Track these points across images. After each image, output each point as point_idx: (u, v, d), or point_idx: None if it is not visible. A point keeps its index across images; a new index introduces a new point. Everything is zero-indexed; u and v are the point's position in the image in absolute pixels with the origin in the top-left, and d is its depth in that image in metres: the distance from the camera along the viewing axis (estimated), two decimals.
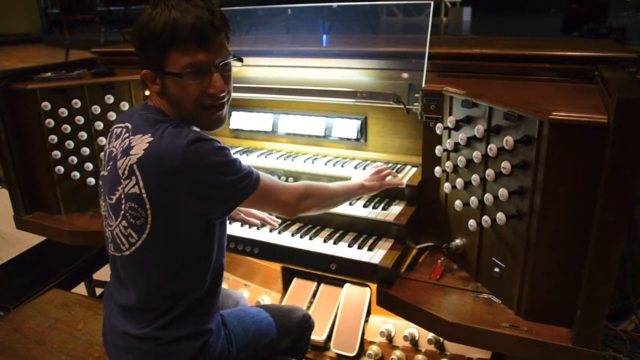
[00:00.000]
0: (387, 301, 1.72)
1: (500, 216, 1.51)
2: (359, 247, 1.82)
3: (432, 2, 1.96)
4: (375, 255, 1.76)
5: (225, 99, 1.44)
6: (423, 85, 1.89)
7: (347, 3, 2.31)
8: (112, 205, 1.40)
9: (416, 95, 1.93)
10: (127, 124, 1.43)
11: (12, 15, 11.58)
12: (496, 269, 1.60)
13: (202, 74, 1.35)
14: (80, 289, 2.81)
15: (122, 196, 1.35)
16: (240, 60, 1.46)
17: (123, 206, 1.35)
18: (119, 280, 1.50)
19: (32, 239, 3.03)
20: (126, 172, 1.33)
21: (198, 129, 1.45)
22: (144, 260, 1.38)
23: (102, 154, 2.32)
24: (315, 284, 2.42)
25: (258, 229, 1.97)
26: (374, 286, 2.25)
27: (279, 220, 1.96)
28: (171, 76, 1.34)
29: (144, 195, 1.30)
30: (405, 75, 2.05)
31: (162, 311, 1.42)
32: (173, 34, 1.29)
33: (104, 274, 2.97)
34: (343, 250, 1.81)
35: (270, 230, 1.96)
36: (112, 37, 8.56)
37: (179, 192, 1.30)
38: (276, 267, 2.47)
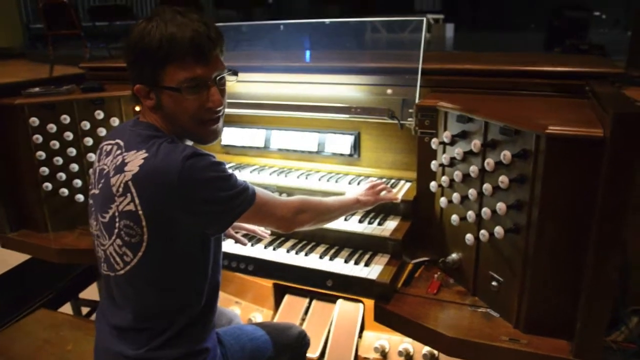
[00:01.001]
0: (385, 317, 1.71)
1: (498, 230, 1.51)
2: (356, 263, 1.81)
3: (425, 19, 1.98)
4: (372, 270, 1.75)
5: (221, 113, 1.43)
6: (417, 100, 1.90)
7: (339, 19, 2.33)
8: (105, 224, 1.37)
9: (410, 110, 1.94)
10: (118, 141, 1.40)
11: None
12: (494, 283, 1.60)
13: (199, 89, 1.35)
14: (66, 308, 2.75)
15: (116, 214, 1.33)
16: (236, 74, 1.46)
17: (117, 224, 1.33)
18: (113, 301, 1.47)
19: (14, 259, 2.97)
20: (120, 189, 1.31)
21: (192, 143, 1.44)
22: (140, 278, 1.36)
23: (90, 171, 2.29)
24: (307, 300, 2.40)
25: (252, 245, 1.95)
26: (367, 302, 2.24)
27: (268, 233, 1.95)
28: (168, 91, 1.33)
29: (140, 212, 1.28)
30: (390, 91, 2.07)
31: (157, 331, 1.39)
32: (170, 48, 1.28)
33: (90, 293, 2.91)
34: (339, 266, 1.80)
35: (265, 247, 1.94)
36: (96, 52, 8.52)
37: (176, 207, 1.28)
38: (267, 283, 2.45)
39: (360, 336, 2.26)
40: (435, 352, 2.07)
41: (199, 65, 1.33)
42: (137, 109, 2.27)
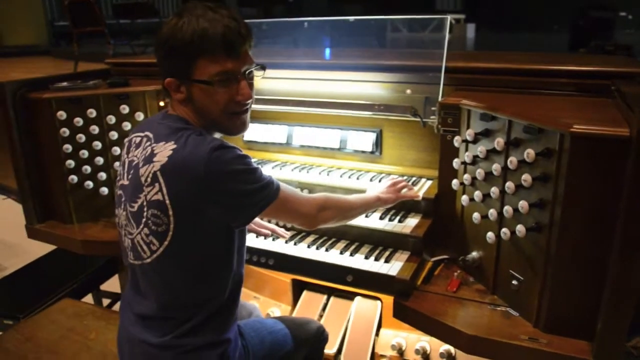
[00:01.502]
0: (404, 313, 1.72)
1: (520, 228, 1.51)
2: (376, 259, 1.82)
3: (448, 17, 1.98)
4: (392, 267, 1.76)
5: (249, 106, 1.47)
6: (440, 98, 1.90)
7: (362, 17, 2.34)
8: (134, 213, 1.40)
9: (432, 108, 1.94)
10: (147, 133, 1.44)
11: (19, 27, 11.66)
12: (514, 282, 1.60)
13: (230, 82, 1.38)
14: (88, 300, 2.80)
15: (145, 203, 1.36)
16: (264, 68, 1.48)
17: (145, 213, 1.36)
18: (138, 290, 1.50)
19: (38, 250, 3.03)
20: (149, 179, 1.33)
21: (220, 135, 1.48)
22: (165, 267, 1.39)
23: (117, 164, 2.32)
24: (325, 296, 2.41)
25: (273, 239, 1.97)
26: (385, 299, 2.25)
27: (289, 233, 1.97)
28: (199, 84, 1.36)
29: (167, 202, 1.31)
30: (412, 89, 2.07)
31: (182, 320, 1.41)
32: (202, 43, 1.32)
33: (111, 285, 2.96)
34: (359, 262, 1.81)
35: (286, 242, 1.96)
36: (120, 50, 8.63)
37: (202, 198, 1.31)
38: (286, 279, 2.46)
39: (377, 334, 2.26)
40: (453, 350, 2.06)
41: (229, 59, 1.36)
42: (162, 104, 2.33)
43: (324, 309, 2.38)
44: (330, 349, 2.21)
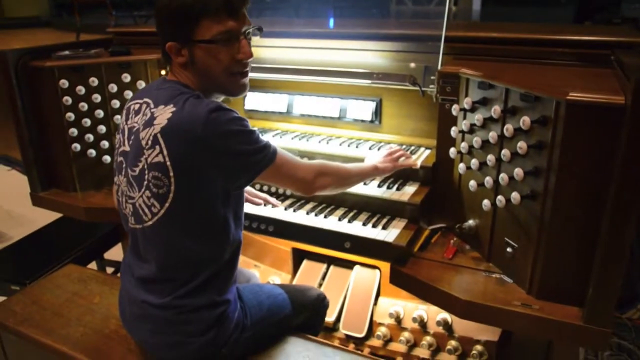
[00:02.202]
0: (401, 279, 1.75)
1: (515, 196, 1.53)
2: (373, 226, 1.85)
3: None
4: (389, 234, 1.79)
5: (249, 66, 1.50)
6: (439, 67, 1.90)
7: None
8: (135, 177, 1.43)
9: (432, 77, 1.95)
10: (146, 99, 1.46)
11: None
12: (509, 249, 1.63)
13: (232, 41, 1.42)
14: (91, 267, 2.85)
15: (145, 166, 1.38)
16: (261, 29, 1.52)
17: (146, 176, 1.39)
18: (138, 254, 1.54)
19: (42, 219, 3.08)
20: (150, 141, 1.36)
21: (222, 98, 1.52)
22: (166, 229, 1.42)
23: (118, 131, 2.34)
24: (325, 265, 2.45)
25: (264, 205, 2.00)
26: (383, 268, 2.28)
27: (280, 202, 2.00)
28: (202, 44, 1.39)
29: (168, 163, 1.34)
30: (413, 57, 2.08)
31: (182, 281, 1.46)
32: (204, 4, 1.35)
33: (113, 253, 3.01)
34: (357, 228, 1.84)
35: (285, 209, 2.00)
36: (121, 21, 8.55)
37: (200, 158, 1.34)
38: (286, 248, 2.50)
39: (375, 302, 2.30)
40: (449, 318, 2.10)
41: (231, 19, 1.40)
42: (163, 72, 2.33)
43: (323, 277, 2.42)
44: (329, 317, 2.25)
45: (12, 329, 1.84)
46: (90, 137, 2.34)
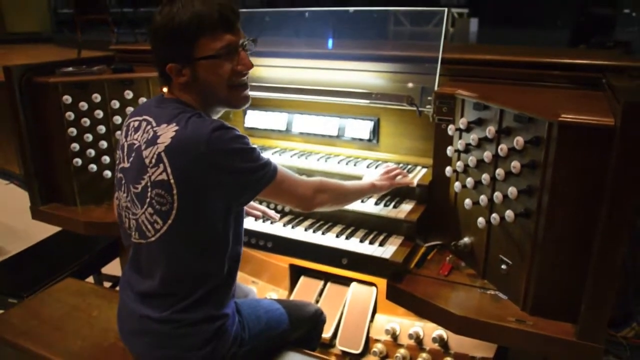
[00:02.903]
0: (397, 295, 1.77)
1: (509, 214, 1.56)
2: (370, 243, 1.88)
3: (446, 10, 2.03)
4: (386, 250, 1.82)
5: (248, 77, 1.55)
6: (436, 88, 1.95)
7: (363, 8, 2.38)
8: (138, 194, 1.45)
9: (428, 98, 1.99)
10: (146, 117, 1.49)
11: (22, 14, 11.65)
12: (503, 266, 1.66)
13: (232, 54, 1.46)
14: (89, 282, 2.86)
15: (149, 184, 1.41)
16: (255, 41, 1.55)
17: (149, 193, 1.41)
18: (139, 270, 1.56)
19: (40, 233, 3.09)
20: (154, 160, 1.39)
21: (221, 114, 1.56)
22: (168, 245, 1.44)
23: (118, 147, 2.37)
24: (322, 282, 2.46)
25: (271, 223, 2.03)
26: (380, 285, 2.30)
27: (278, 215, 2.03)
28: (204, 61, 1.43)
29: (172, 181, 1.37)
30: (410, 79, 2.12)
31: (182, 296, 1.47)
32: (201, 24, 1.39)
33: (110, 268, 3.02)
34: (355, 245, 1.87)
35: (284, 225, 2.02)
36: (122, 38, 8.64)
37: (204, 176, 1.37)
38: (284, 264, 2.52)
39: (372, 319, 2.31)
40: (445, 335, 2.12)
41: (228, 33, 1.44)
42: (165, 90, 2.37)
43: (320, 294, 2.43)
44: (326, 333, 2.26)
45: (10, 342, 1.84)
46: (91, 152, 2.37)
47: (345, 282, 2.41)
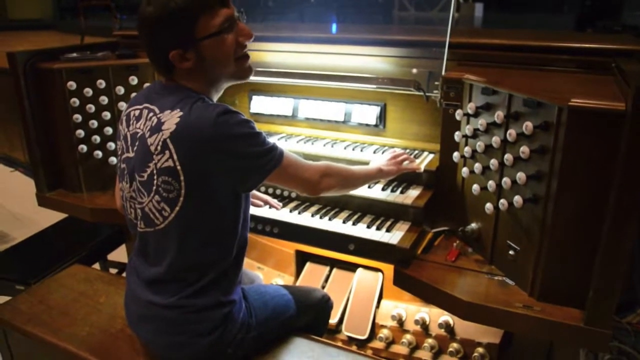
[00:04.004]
0: (404, 281, 1.78)
1: (518, 199, 1.56)
2: (377, 229, 1.87)
3: None
4: (393, 236, 1.81)
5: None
6: (443, 73, 1.93)
7: None
8: (144, 182, 1.45)
9: (436, 82, 1.97)
10: (147, 105, 1.47)
11: (24, 1, 11.61)
12: (511, 252, 1.65)
13: (232, 27, 1.45)
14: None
15: (155, 172, 1.40)
16: (244, 12, 1.54)
17: (155, 181, 1.41)
18: (146, 257, 1.56)
19: (45, 220, 3.10)
20: (159, 147, 1.38)
21: (222, 98, 1.52)
22: (177, 231, 1.44)
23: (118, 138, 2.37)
24: (328, 268, 2.46)
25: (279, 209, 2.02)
26: (386, 271, 2.30)
27: (280, 204, 2.02)
28: (208, 39, 1.40)
29: (178, 167, 1.36)
30: (417, 63, 2.10)
31: (190, 282, 1.48)
32: (199, 2, 1.37)
33: (116, 255, 3.04)
34: (362, 231, 1.87)
35: (290, 211, 2.02)
36: (126, 24, 8.59)
37: (210, 161, 1.36)
38: (290, 250, 2.52)
39: (378, 305, 2.31)
40: (451, 321, 2.12)
41: (224, 7, 1.42)
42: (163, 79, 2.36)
43: (326, 280, 2.44)
44: (332, 319, 2.26)
45: (18, 328, 1.85)
46: (97, 138, 2.37)
47: (351, 267, 2.41)
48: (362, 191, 1.96)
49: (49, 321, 1.87)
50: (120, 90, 2.35)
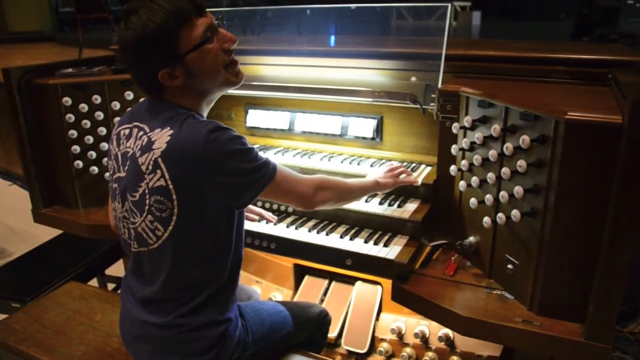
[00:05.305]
0: (402, 296, 1.76)
1: (515, 213, 1.54)
2: (375, 243, 1.86)
3: (449, 5, 2.00)
4: (390, 251, 1.80)
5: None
6: (439, 85, 1.92)
7: (365, 5, 2.35)
8: (135, 202, 1.43)
9: (432, 95, 1.97)
10: (137, 123, 1.46)
11: (24, 13, 11.67)
12: (509, 266, 1.63)
13: (213, 34, 1.43)
14: (93, 284, 2.85)
15: (146, 191, 1.39)
16: (222, 18, 1.53)
17: (147, 201, 1.39)
18: (140, 276, 1.54)
19: (43, 235, 3.09)
20: (150, 166, 1.36)
21: (223, 115, 1.50)
22: (171, 250, 1.42)
23: (105, 159, 2.36)
24: (326, 281, 2.45)
25: (275, 224, 2.01)
26: (385, 284, 2.29)
27: (276, 218, 2.01)
28: (193, 52, 1.39)
29: (170, 187, 1.35)
30: (414, 77, 2.10)
31: (184, 300, 1.46)
32: (177, 17, 1.35)
33: (115, 270, 3.02)
34: (359, 246, 1.85)
35: (287, 226, 2.00)
36: None
37: (202, 179, 1.34)
38: (288, 264, 2.51)
39: (377, 318, 2.30)
40: (451, 334, 2.10)
41: (201, 17, 1.40)
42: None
43: (325, 293, 2.42)
44: (331, 333, 2.25)
45: (13, 348, 1.83)
46: (92, 154, 2.36)
47: (350, 280, 2.39)
48: (360, 205, 1.95)
49: (44, 340, 1.85)
50: (116, 105, 2.35)
